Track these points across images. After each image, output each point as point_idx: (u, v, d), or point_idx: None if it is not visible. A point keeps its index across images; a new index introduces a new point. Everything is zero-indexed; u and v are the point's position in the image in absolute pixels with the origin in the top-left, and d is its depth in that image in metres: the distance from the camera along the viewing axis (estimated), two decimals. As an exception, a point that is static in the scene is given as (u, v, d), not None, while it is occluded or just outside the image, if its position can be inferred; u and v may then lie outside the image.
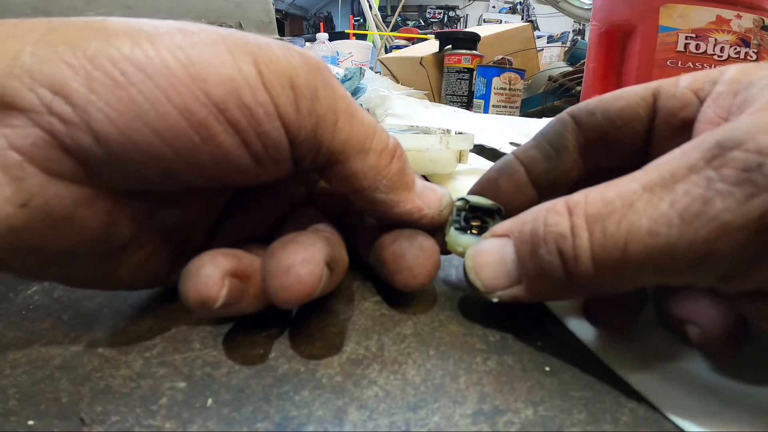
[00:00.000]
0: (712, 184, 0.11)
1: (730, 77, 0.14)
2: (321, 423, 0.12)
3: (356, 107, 0.16)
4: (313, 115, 0.14)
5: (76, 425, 0.12)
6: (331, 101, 0.15)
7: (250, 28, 0.68)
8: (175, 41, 0.13)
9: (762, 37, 0.55)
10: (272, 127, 0.14)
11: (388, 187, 0.16)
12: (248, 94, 0.13)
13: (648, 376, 0.15)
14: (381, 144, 0.16)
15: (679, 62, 0.55)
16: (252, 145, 0.14)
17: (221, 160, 0.14)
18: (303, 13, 5.06)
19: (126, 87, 0.12)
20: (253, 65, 0.13)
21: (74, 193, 0.13)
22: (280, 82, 0.14)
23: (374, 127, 0.16)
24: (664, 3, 0.55)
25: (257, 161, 0.14)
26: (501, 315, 0.18)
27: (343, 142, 0.15)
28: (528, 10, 4.61)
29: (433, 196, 0.18)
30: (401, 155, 0.17)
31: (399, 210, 0.17)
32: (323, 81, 0.15)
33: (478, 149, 0.40)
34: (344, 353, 0.15)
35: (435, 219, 0.18)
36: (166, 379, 0.14)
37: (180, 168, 0.13)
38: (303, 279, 0.13)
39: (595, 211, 0.12)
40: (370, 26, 1.67)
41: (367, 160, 0.16)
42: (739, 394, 0.14)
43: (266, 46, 0.14)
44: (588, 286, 0.13)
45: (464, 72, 0.86)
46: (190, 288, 0.13)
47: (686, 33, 0.55)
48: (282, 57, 0.14)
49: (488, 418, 0.13)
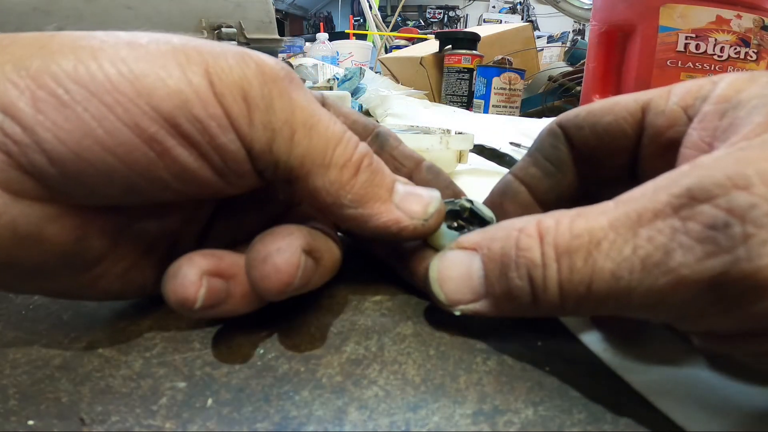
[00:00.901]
0: (676, 235, 0.11)
1: (718, 94, 0.14)
2: (321, 423, 0.12)
3: (318, 118, 0.15)
4: (267, 128, 0.14)
5: (76, 425, 0.12)
6: (287, 113, 0.14)
7: (250, 28, 0.68)
8: (119, 55, 0.12)
9: (762, 37, 0.55)
10: (228, 140, 0.13)
11: (355, 201, 0.15)
12: (199, 106, 0.13)
13: (648, 376, 0.15)
14: (343, 157, 0.15)
15: (679, 62, 0.55)
16: (210, 158, 0.13)
17: (181, 174, 0.13)
18: (303, 13, 5.06)
19: (71, 105, 0.12)
20: (204, 76, 0.13)
21: (39, 212, 0.13)
22: (233, 94, 0.13)
23: (337, 139, 0.15)
24: (664, 3, 0.55)
25: (219, 174, 0.14)
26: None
27: (301, 157, 0.14)
28: (528, 10, 4.61)
29: (417, 204, 0.16)
30: (370, 164, 0.16)
31: (373, 224, 0.16)
32: (279, 92, 0.14)
33: (478, 149, 0.40)
34: (344, 353, 0.15)
35: (418, 230, 0.16)
36: (166, 379, 0.14)
37: (141, 184, 0.13)
38: (280, 267, 0.13)
39: (564, 243, 0.12)
40: (370, 26, 1.67)
41: (328, 176, 0.15)
42: (739, 394, 0.14)
43: (220, 55, 0.14)
44: (552, 311, 0.13)
45: (464, 72, 0.86)
46: (168, 290, 0.13)
47: (686, 33, 0.55)
48: (235, 67, 0.14)
49: (488, 418, 0.13)
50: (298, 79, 0.16)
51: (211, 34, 0.63)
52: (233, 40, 0.64)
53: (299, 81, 0.15)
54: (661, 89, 0.16)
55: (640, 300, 0.11)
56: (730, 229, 0.10)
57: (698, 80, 0.15)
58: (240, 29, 0.66)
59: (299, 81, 0.15)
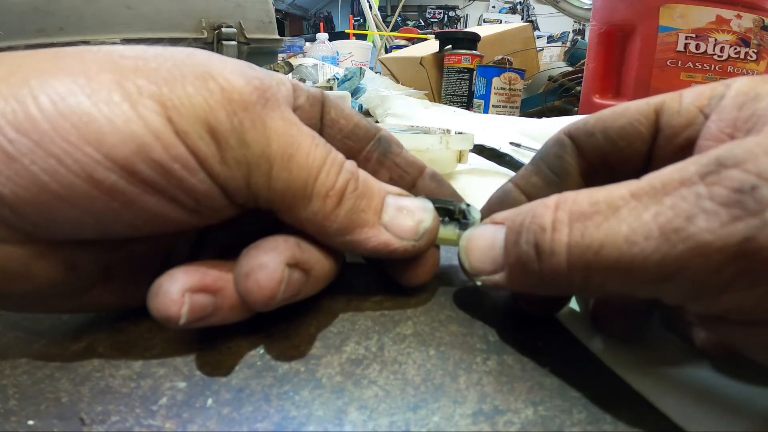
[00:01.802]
0: (701, 201, 0.10)
1: (736, 89, 0.14)
2: (321, 423, 0.12)
3: (297, 144, 0.14)
4: (242, 163, 0.13)
5: (76, 425, 0.12)
6: (262, 145, 0.13)
7: (250, 28, 0.68)
8: (59, 92, 0.11)
9: (762, 37, 0.55)
10: (198, 181, 0.12)
11: (339, 231, 0.15)
12: (159, 149, 0.12)
13: (648, 376, 0.15)
14: (326, 186, 0.14)
15: (679, 62, 0.55)
16: (180, 201, 0.13)
17: (152, 218, 0.12)
18: (303, 13, 5.06)
19: (18, 158, 0.11)
20: (160, 113, 0.12)
21: (23, 252, 0.12)
22: (197, 131, 0.12)
23: (318, 166, 0.14)
24: (664, 3, 0.55)
25: (194, 212, 0.13)
26: (501, 315, 0.18)
27: (281, 192, 0.14)
28: (528, 10, 4.61)
29: (407, 224, 0.16)
30: (355, 189, 0.15)
31: (364, 249, 0.15)
32: (252, 121, 0.13)
33: (478, 149, 0.40)
34: (344, 353, 0.15)
35: (409, 251, 0.16)
36: (166, 379, 0.14)
37: (113, 228, 0.12)
38: (262, 283, 0.13)
39: (579, 210, 0.12)
40: (370, 26, 1.67)
41: (310, 208, 0.14)
42: (739, 394, 0.14)
43: (177, 81, 0.12)
44: (559, 284, 0.13)
45: (464, 72, 0.86)
46: (152, 307, 0.13)
47: (686, 33, 0.55)
48: (196, 96, 0.12)
49: (488, 418, 0.13)
50: (274, 95, 0.14)
51: (211, 34, 0.63)
52: (233, 40, 0.64)
53: (275, 99, 0.14)
54: (671, 93, 0.16)
55: (654, 270, 0.11)
56: (758, 192, 0.10)
57: (710, 84, 0.15)
58: (240, 29, 0.66)
59: (275, 99, 0.14)
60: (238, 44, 0.65)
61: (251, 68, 0.14)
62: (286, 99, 0.15)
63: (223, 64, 0.13)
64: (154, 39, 0.57)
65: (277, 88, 0.15)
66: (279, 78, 0.16)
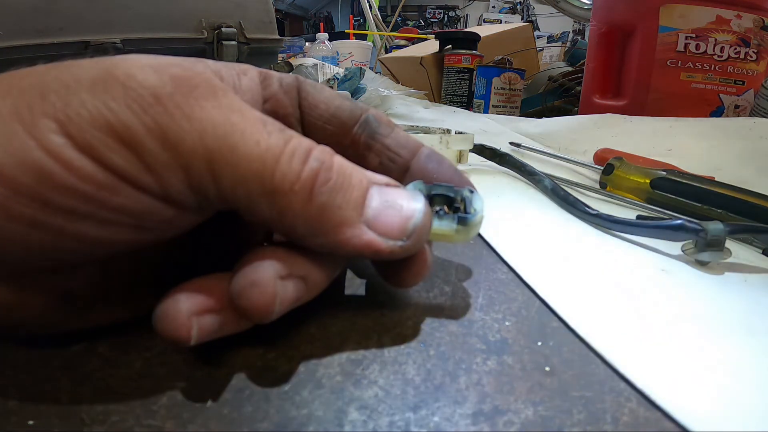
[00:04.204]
0: None
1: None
2: (321, 423, 0.12)
3: (240, 132, 0.12)
4: (173, 167, 0.11)
5: (76, 425, 0.12)
6: (192, 140, 0.11)
7: (250, 28, 0.68)
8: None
9: (762, 37, 0.55)
10: (124, 199, 0.11)
11: (312, 231, 0.13)
12: (62, 173, 0.10)
13: (649, 375, 0.15)
14: (287, 179, 0.12)
15: (679, 62, 0.55)
16: (118, 222, 0.11)
17: (97, 244, 0.11)
18: (303, 13, 5.06)
19: None
20: (57, 130, 0.10)
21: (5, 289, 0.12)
22: (103, 141, 0.10)
23: (275, 156, 0.12)
24: (664, 3, 0.55)
25: (145, 229, 0.12)
26: (501, 315, 0.18)
27: (231, 190, 0.12)
28: (528, 10, 4.61)
29: (393, 221, 0.13)
30: (328, 180, 0.12)
31: (343, 251, 0.13)
32: (171, 115, 0.11)
33: (478, 149, 0.40)
34: (344, 353, 0.15)
35: (396, 252, 0.14)
36: (166, 379, 0.14)
37: (63, 257, 0.11)
38: (255, 302, 0.12)
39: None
40: (370, 26, 1.67)
41: (275, 205, 0.12)
42: (741, 393, 0.14)
43: (69, 90, 0.10)
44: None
45: (464, 72, 0.86)
46: (160, 331, 0.12)
47: (686, 33, 0.55)
48: (94, 102, 0.10)
49: (488, 418, 0.13)
50: (206, 82, 0.12)
51: (211, 34, 0.63)
52: (233, 41, 0.64)
53: (207, 86, 0.12)
54: None
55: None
56: None
57: None
58: (240, 29, 0.66)
59: (207, 86, 0.12)
60: (238, 44, 0.65)
61: (176, 60, 0.12)
62: (234, 86, 0.14)
63: (132, 62, 0.12)
64: (154, 39, 0.57)
65: (212, 75, 0.13)
66: (231, 67, 0.14)
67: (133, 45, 0.55)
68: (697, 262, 0.24)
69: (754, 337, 0.17)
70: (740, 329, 0.18)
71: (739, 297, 0.21)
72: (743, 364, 0.16)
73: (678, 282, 0.22)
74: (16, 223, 0.10)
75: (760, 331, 0.18)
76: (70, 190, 0.10)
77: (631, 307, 0.19)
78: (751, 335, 0.18)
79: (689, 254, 0.24)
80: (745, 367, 0.15)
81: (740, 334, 0.18)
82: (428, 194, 0.16)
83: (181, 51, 0.59)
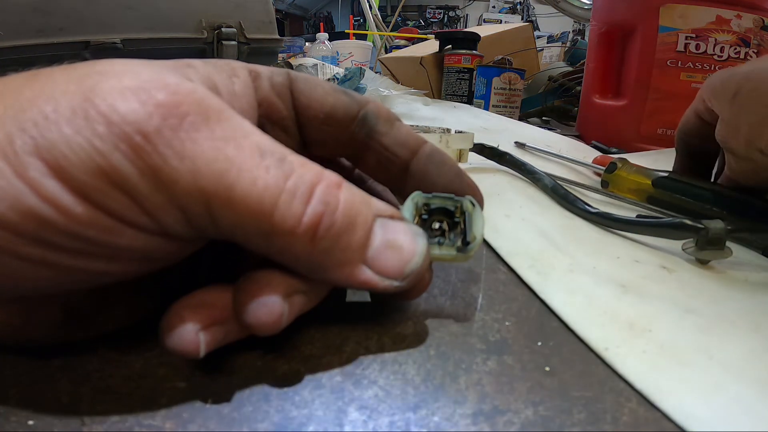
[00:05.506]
0: None
1: None
2: (321, 423, 0.12)
3: (237, 169, 0.11)
4: (170, 209, 0.11)
5: (76, 425, 0.12)
6: (188, 180, 0.10)
7: (250, 28, 0.68)
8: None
9: (762, 37, 0.55)
10: (128, 239, 0.11)
11: (312, 270, 0.13)
12: (62, 219, 0.10)
13: (649, 375, 0.15)
14: (287, 222, 0.11)
15: (679, 62, 0.55)
16: (122, 257, 0.11)
17: (98, 278, 0.11)
18: (303, 13, 5.06)
19: None
20: (49, 174, 0.09)
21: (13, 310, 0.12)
22: (99, 187, 0.10)
23: (273, 196, 0.11)
24: (664, 3, 0.55)
25: (147, 261, 0.12)
26: (501, 315, 0.18)
27: (230, 230, 0.11)
28: (528, 10, 4.61)
29: (393, 263, 0.13)
30: (332, 225, 0.12)
31: (341, 284, 0.13)
32: (161, 155, 0.10)
33: (478, 148, 0.40)
34: (344, 353, 0.15)
35: (390, 290, 0.14)
36: (166, 379, 0.14)
37: (70, 288, 0.12)
38: (263, 320, 0.12)
39: None
40: (370, 26, 1.67)
41: (274, 245, 0.12)
42: (740, 393, 0.14)
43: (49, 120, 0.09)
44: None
45: (464, 72, 0.86)
46: (167, 344, 0.12)
47: (686, 33, 0.55)
48: (75, 137, 0.09)
49: (488, 418, 0.13)
50: (197, 105, 0.11)
51: (211, 34, 0.63)
52: (233, 41, 0.64)
53: (199, 111, 0.11)
54: None
55: None
56: None
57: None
58: (240, 29, 0.66)
59: (199, 111, 0.11)
60: (238, 44, 0.65)
61: (162, 75, 0.11)
62: (229, 93, 0.14)
63: (112, 83, 0.10)
64: (154, 39, 0.57)
65: (203, 92, 0.12)
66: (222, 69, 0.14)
67: (133, 45, 0.55)
68: (697, 261, 0.24)
69: (755, 337, 0.17)
70: (741, 329, 0.18)
71: (740, 296, 0.21)
72: (744, 364, 0.16)
73: (679, 281, 0.22)
74: (24, 262, 0.10)
75: (762, 331, 0.18)
76: (74, 235, 0.10)
77: (631, 306, 0.19)
78: (752, 335, 0.18)
79: (690, 253, 0.24)
80: (746, 367, 0.15)
81: (741, 333, 0.18)
82: (427, 209, 0.16)
83: (181, 51, 0.59)
